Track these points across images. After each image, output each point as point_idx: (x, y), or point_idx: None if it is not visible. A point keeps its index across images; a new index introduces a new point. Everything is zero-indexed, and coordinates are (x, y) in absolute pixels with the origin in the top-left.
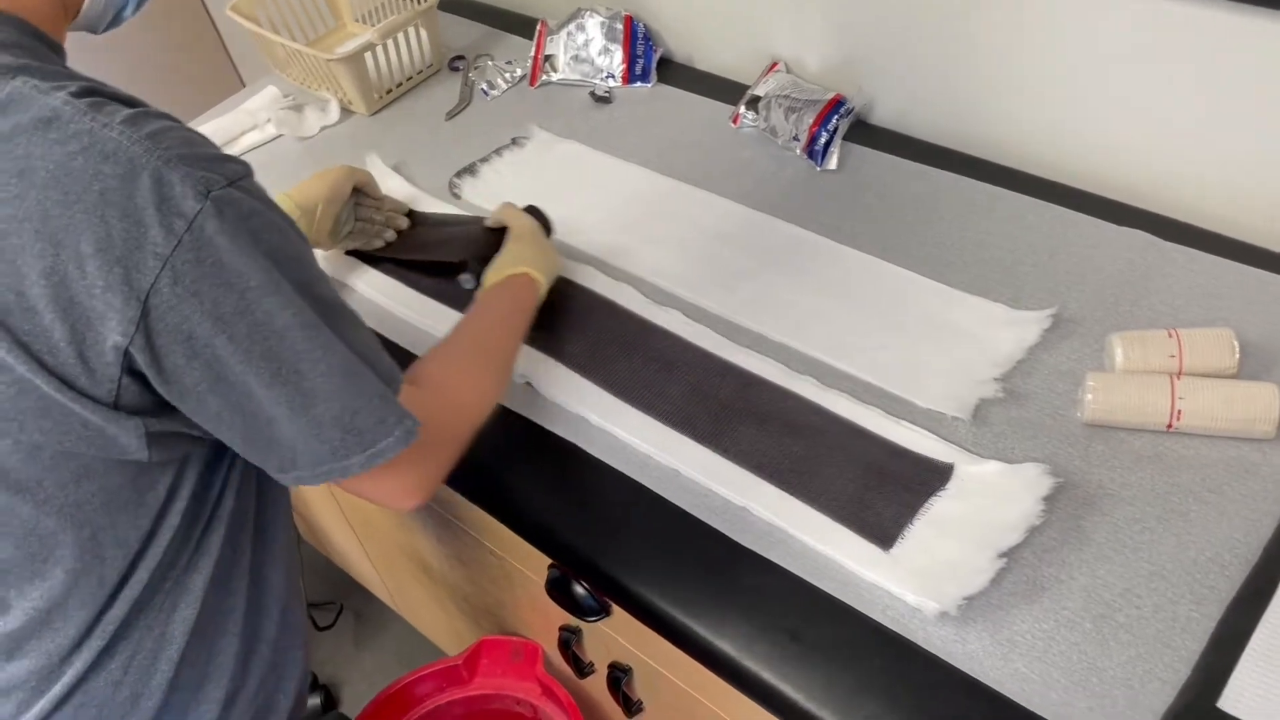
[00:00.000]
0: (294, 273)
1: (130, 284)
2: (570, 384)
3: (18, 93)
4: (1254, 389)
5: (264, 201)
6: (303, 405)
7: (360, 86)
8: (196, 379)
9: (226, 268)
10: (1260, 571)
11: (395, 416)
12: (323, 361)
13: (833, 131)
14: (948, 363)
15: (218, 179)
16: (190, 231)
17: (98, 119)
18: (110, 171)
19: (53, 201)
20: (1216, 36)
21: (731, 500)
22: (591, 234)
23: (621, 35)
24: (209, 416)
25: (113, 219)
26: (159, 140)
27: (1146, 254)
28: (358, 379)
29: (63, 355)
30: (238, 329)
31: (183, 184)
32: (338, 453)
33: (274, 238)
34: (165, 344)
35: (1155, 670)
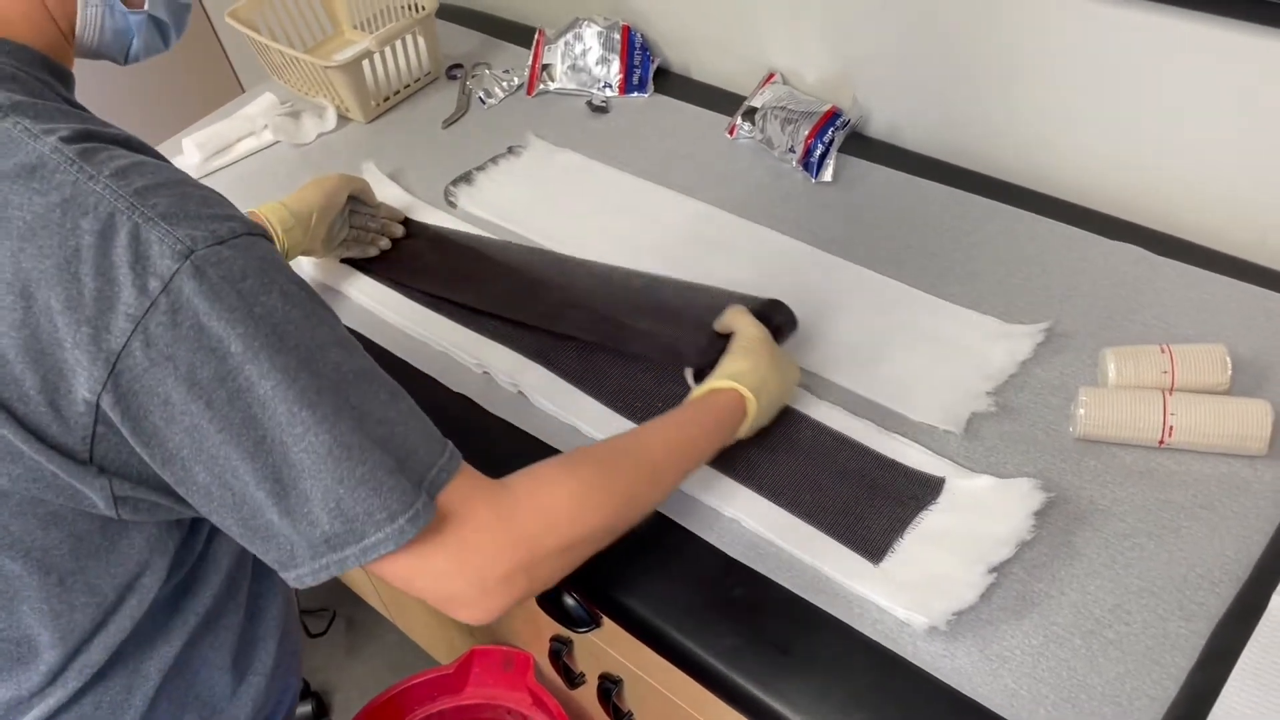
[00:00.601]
0: (293, 338)
1: (99, 344)
2: (561, 392)
3: (6, 135)
4: (1246, 405)
5: (265, 262)
6: (291, 480)
7: (357, 94)
8: (178, 444)
9: (205, 331)
10: (1250, 589)
11: (395, 507)
12: (309, 436)
13: (828, 144)
14: (940, 376)
15: (203, 238)
16: (166, 293)
17: (85, 169)
18: (88, 227)
19: (26, 254)
20: (1211, 52)
21: (721, 512)
22: (586, 243)
23: (619, 45)
24: (199, 491)
25: (86, 276)
26: (145, 196)
27: (1139, 268)
28: (353, 460)
29: (33, 404)
30: (216, 396)
31: (161, 243)
32: (331, 541)
33: (271, 300)
34: (141, 405)
35: (1144, 687)
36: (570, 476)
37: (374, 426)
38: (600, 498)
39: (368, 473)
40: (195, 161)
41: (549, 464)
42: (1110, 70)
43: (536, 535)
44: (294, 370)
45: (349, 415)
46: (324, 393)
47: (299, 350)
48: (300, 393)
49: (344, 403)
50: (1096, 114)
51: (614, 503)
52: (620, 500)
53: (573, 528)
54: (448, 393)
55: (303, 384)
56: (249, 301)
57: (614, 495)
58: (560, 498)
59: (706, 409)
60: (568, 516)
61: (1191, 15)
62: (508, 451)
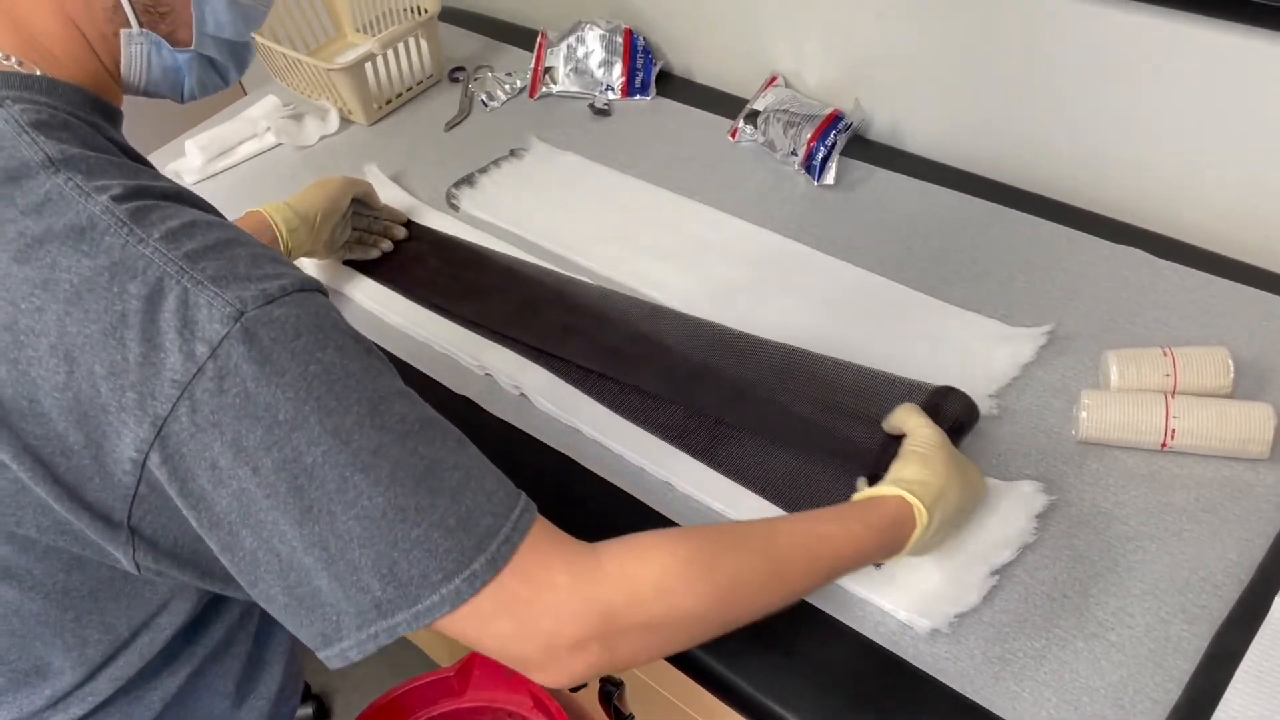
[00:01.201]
0: (354, 393)
1: (144, 408)
2: (563, 395)
3: (58, 192)
4: (1248, 409)
5: (319, 317)
6: (339, 549)
7: (360, 96)
8: (226, 509)
9: (252, 398)
10: (1253, 592)
11: (451, 567)
12: (361, 501)
13: (830, 146)
14: (943, 379)
15: (254, 298)
16: (213, 358)
17: (135, 232)
18: (135, 292)
19: (72, 318)
20: (1214, 56)
21: (725, 515)
22: (588, 246)
23: (621, 48)
24: (245, 557)
25: (131, 342)
26: (195, 260)
27: (1141, 271)
28: (408, 522)
29: (76, 458)
30: (263, 463)
31: (210, 306)
32: (382, 607)
33: (326, 357)
34: (189, 468)
35: (1147, 690)
36: (668, 550)
37: (446, 475)
38: (698, 577)
39: (423, 534)
40: (197, 164)
41: (651, 533)
42: (1112, 73)
43: (617, 605)
44: (348, 431)
45: (409, 472)
46: (383, 451)
47: (359, 406)
48: (353, 455)
49: (408, 456)
50: (1099, 117)
51: (714, 587)
52: (723, 586)
53: (660, 604)
54: (450, 394)
55: (357, 445)
56: (303, 361)
57: (716, 579)
58: (651, 569)
59: (861, 514)
60: (655, 591)
61: (1191, 18)
62: (510, 453)
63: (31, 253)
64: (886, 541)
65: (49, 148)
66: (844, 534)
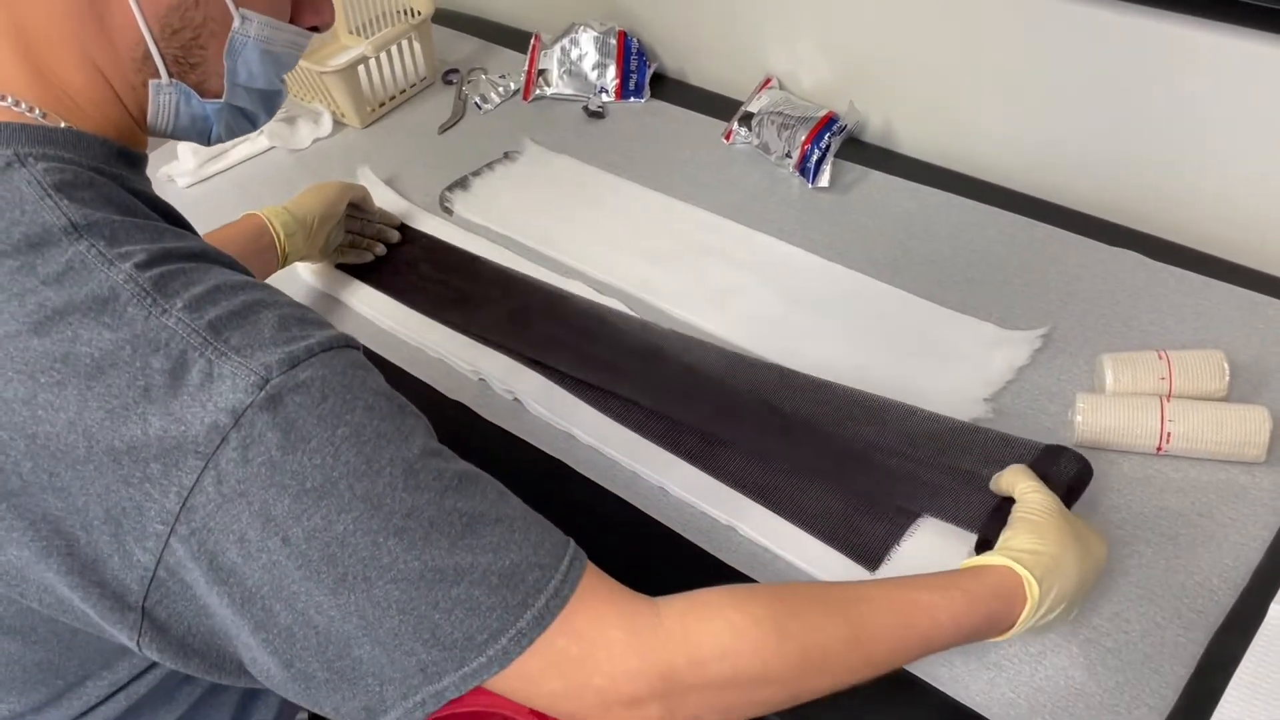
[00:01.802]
0: (386, 454)
1: (170, 480)
2: (557, 400)
3: (79, 260)
4: (1244, 412)
5: (348, 376)
6: (376, 616)
7: (353, 99)
8: (258, 582)
9: (279, 466)
10: (1249, 597)
11: (496, 625)
12: (397, 566)
13: (825, 149)
14: (938, 383)
15: (278, 363)
16: (237, 428)
17: (158, 303)
18: (159, 366)
19: (93, 393)
20: (1208, 57)
21: (719, 519)
22: (581, 249)
23: (615, 50)
24: (280, 634)
25: (154, 417)
26: (219, 330)
27: (1137, 274)
28: (447, 582)
29: (97, 534)
30: (294, 532)
31: (235, 376)
32: (427, 670)
33: (355, 419)
34: (217, 541)
35: (1142, 696)
36: (735, 607)
37: (487, 530)
38: (767, 640)
39: (464, 593)
40: (190, 166)
41: (719, 589)
42: (1107, 75)
43: (678, 665)
44: (379, 495)
45: (446, 531)
46: (417, 512)
47: (391, 467)
48: (386, 519)
49: (444, 515)
50: (1094, 119)
51: (786, 651)
52: (796, 651)
53: (724, 665)
54: (444, 399)
55: (390, 509)
56: (330, 425)
57: (788, 643)
58: (715, 628)
59: (962, 583)
60: (718, 651)
61: (1187, 20)
62: (503, 458)
63: (51, 325)
64: (991, 614)
65: (72, 212)
66: (944, 604)
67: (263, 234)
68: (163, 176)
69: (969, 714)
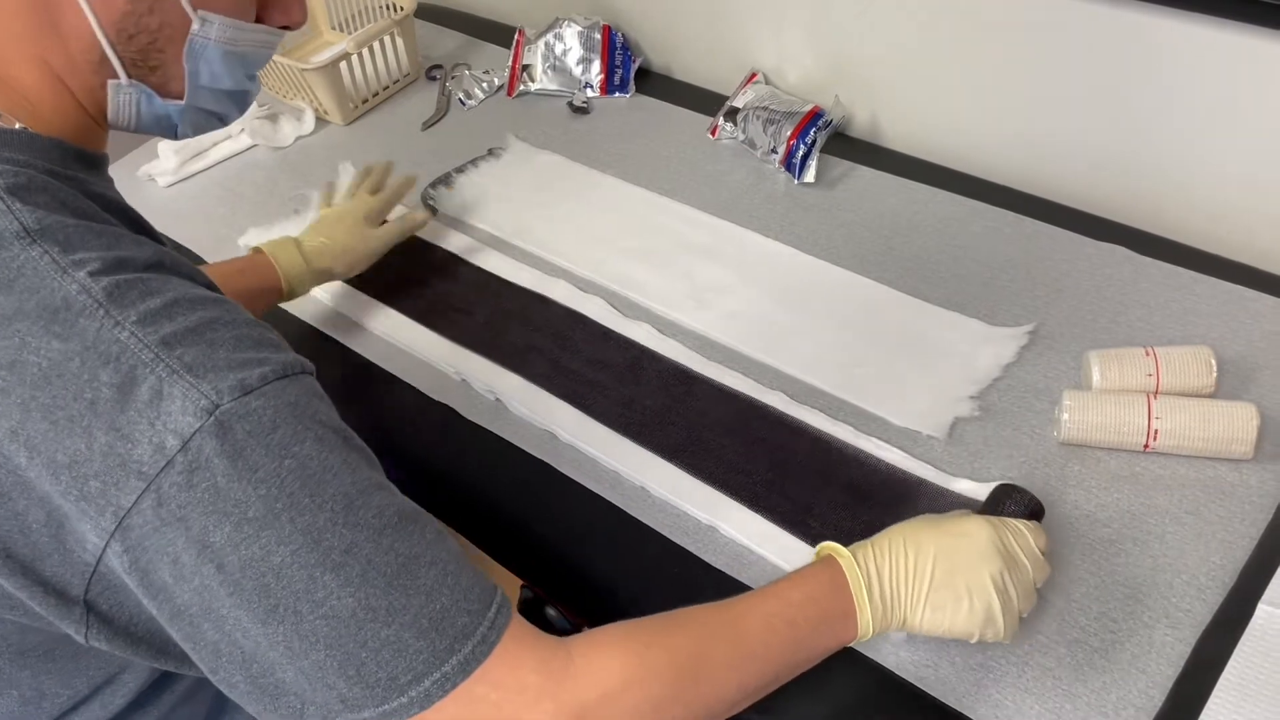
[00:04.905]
0: (330, 488)
1: (107, 498)
2: (538, 399)
3: (32, 267)
4: (1231, 408)
5: (299, 407)
6: (303, 649)
7: (336, 96)
8: (187, 602)
9: (223, 494)
10: (1236, 596)
11: (421, 668)
12: (330, 601)
13: (810, 144)
14: (924, 380)
15: (230, 389)
16: (184, 452)
17: (110, 314)
18: (107, 380)
19: (37, 403)
20: (1199, 52)
21: (701, 519)
22: (566, 247)
23: (600, 45)
24: (206, 647)
25: (98, 431)
26: (172, 346)
27: (1124, 269)
28: (378, 622)
29: (35, 535)
30: (229, 560)
31: (184, 398)
32: (348, 702)
33: (303, 451)
34: (150, 561)
35: (1130, 697)
36: (629, 636)
37: (422, 571)
38: (658, 660)
39: (394, 634)
40: (171, 166)
41: (613, 626)
42: (1095, 69)
43: (590, 703)
44: (320, 530)
45: (382, 570)
46: (355, 549)
47: (334, 502)
48: (324, 554)
49: (382, 554)
50: (1081, 113)
51: (676, 667)
52: (684, 664)
53: (631, 695)
54: (427, 400)
55: (329, 544)
56: (278, 455)
57: (676, 658)
58: (618, 662)
59: (801, 575)
60: (623, 681)
61: (1174, 13)
62: (486, 459)
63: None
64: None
65: (25, 216)
66: (803, 597)
67: (268, 270)
68: (143, 175)
69: (956, 716)
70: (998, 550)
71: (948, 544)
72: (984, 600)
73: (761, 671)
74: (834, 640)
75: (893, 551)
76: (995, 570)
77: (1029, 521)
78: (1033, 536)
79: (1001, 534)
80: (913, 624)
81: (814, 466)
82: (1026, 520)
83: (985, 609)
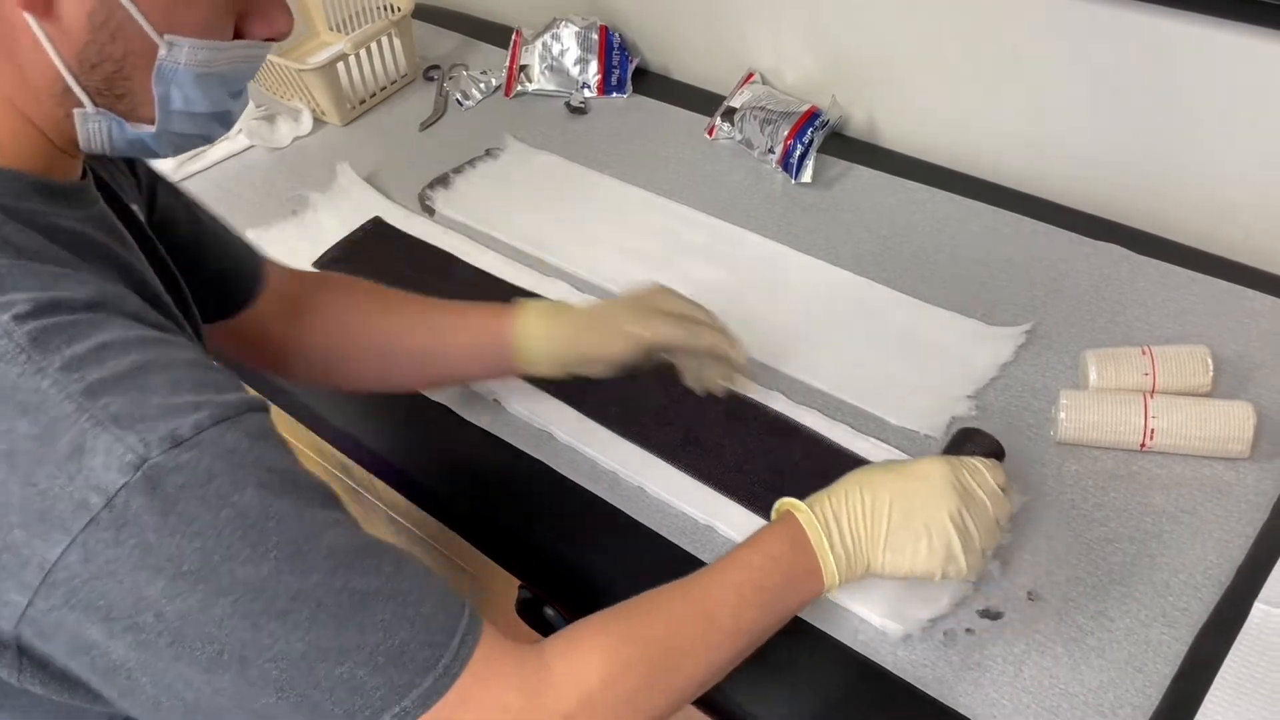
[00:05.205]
0: (274, 535)
1: (32, 549)
2: (535, 399)
3: None
4: (1227, 407)
5: (238, 454)
6: (252, 694)
7: (333, 97)
8: (123, 657)
9: (154, 549)
10: (1232, 595)
11: (379, 704)
12: (277, 646)
13: (808, 144)
14: (921, 380)
15: (159, 441)
16: (109, 509)
17: (33, 359)
18: (26, 430)
19: None
20: (1195, 52)
21: (698, 519)
22: (563, 247)
23: (597, 45)
24: (146, 701)
25: (14, 485)
26: (97, 395)
27: (1121, 268)
28: (330, 662)
29: None
30: (166, 611)
31: (108, 452)
32: None
33: (243, 499)
34: (78, 618)
35: (1127, 696)
36: (603, 631)
37: (379, 607)
38: (634, 653)
39: (347, 672)
40: (168, 167)
41: (586, 622)
42: (1092, 68)
43: (571, 710)
44: (264, 579)
45: (334, 611)
46: (304, 594)
47: (278, 549)
48: (269, 602)
49: (333, 595)
50: (1078, 112)
51: (650, 656)
52: (658, 656)
53: (610, 693)
54: (426, 401)
55: (273, 591)
56: (214, 507)
57: (649, 648)
58: (593, 660)
59: (762, 537)
60: (601, 681)
61: (1172, 13)
62: (484, 459)
63: None
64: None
65: None
66: (766, 560)
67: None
68: None
69: (954, 716)
70: (954, 488)
71: (904, 486)
72: (943, 538)
73: (734, 644)
74: (803, 597)
75: (849, 499)
76: (953, 508)
77: (987, 460)
78: (991, 474)
79: (958, 472)
80: (875, 568)
81: (812, 466)
82: (985, 459)
83: (945, 547)
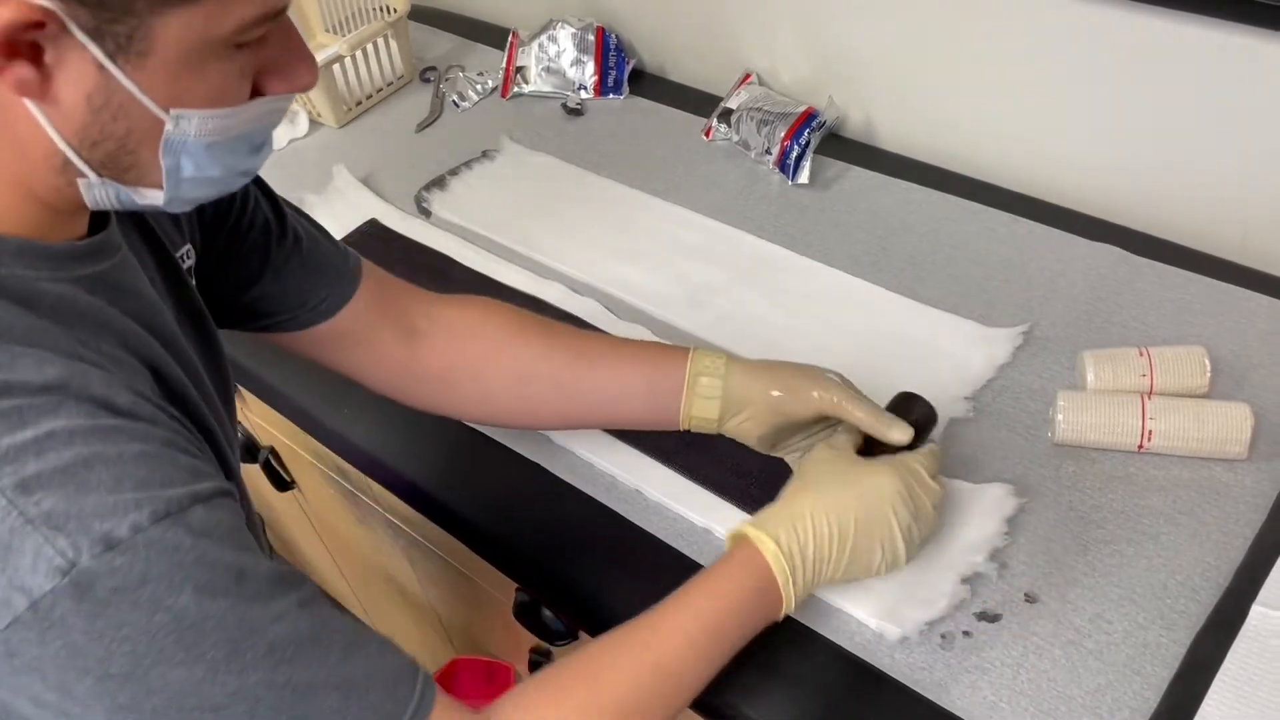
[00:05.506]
0: (211, 637)
1: None
2: None
3: None
4: (1225, 409)
5: (178, 556)
6: None
7: (329, 98)
8: None
9: (81, 651)
10: (1230, 597)
11: None
12: None
13: (804, 145)
14: (918, 381)
15: (90, 545)
16: (32, 610)
17: None
18: None
19: None
20: (1192, 52)
21: (696, 523)
22: (560, 249)
23: (593, 46)
24: None
25: None
26: (30, 490)
27: (1119, 269)
28: None
29: None
30: (94, 706)
31: (36, 554)
32: None
33: (179, 603)
34: (4, 700)
35: (1125, 699)
36: (558, 702)
37: (322, 697)
38: (590, 715)
39: None
40: None
41: (538, 682)
42: (1090, 69)
43: None
44: (198, 681)
45: (274, 706)
46: (242, 691)
47: (215, 649)
48: (203, 700)
49: (273, 691)
50: (1075, 113)
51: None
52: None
53: None
54: None
55: (207, 691)
56: (148, 612)
57: (605, 708)
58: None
59: (719, 575)
60: None
61: (1169, 14)
62: (482, 463)
63: None
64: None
65: None
66: (730, 606)
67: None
68: None
69: (951, 718)
70: (904, 500)
71: (863, 506)
72: (893, 549)
73: (693, 690)
74: (759, 628)
75: (815, 528)
76: (904, 519)
77: (924, 452)
78: (927, 468)
79: (907, 480)
80: (829, 584)
81: None
82: (923, 451)
83: (894, 554)
